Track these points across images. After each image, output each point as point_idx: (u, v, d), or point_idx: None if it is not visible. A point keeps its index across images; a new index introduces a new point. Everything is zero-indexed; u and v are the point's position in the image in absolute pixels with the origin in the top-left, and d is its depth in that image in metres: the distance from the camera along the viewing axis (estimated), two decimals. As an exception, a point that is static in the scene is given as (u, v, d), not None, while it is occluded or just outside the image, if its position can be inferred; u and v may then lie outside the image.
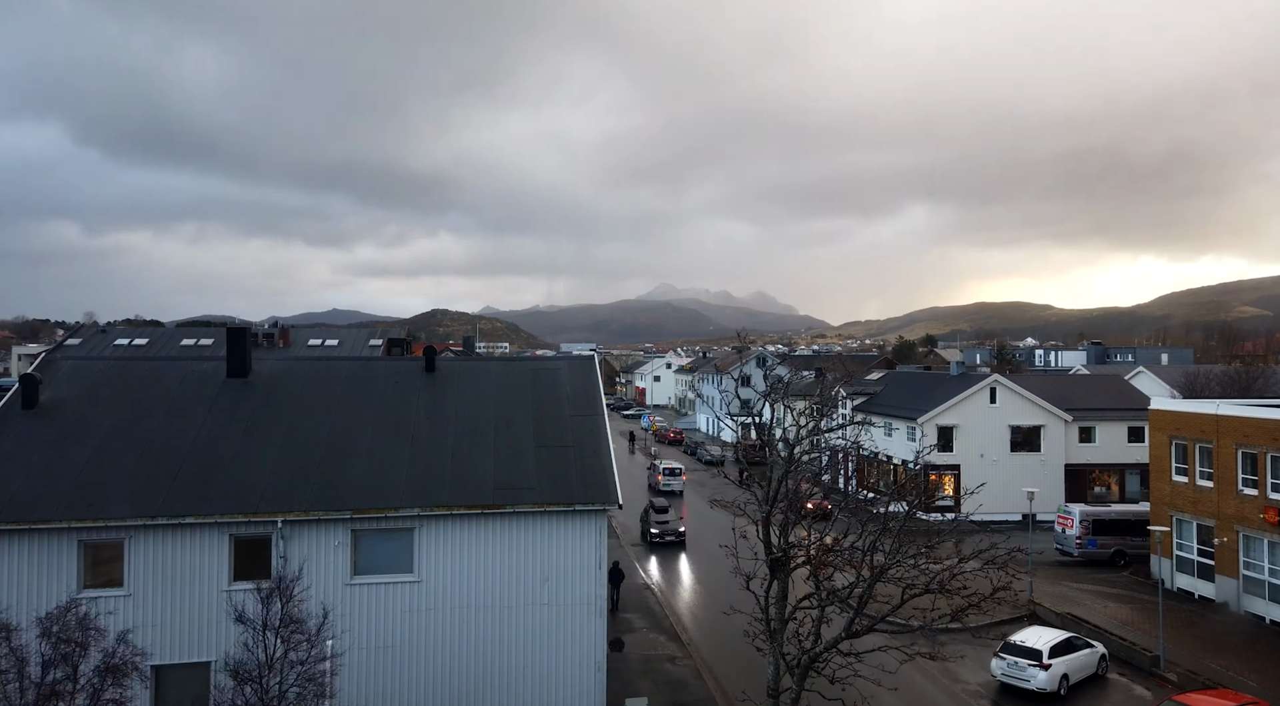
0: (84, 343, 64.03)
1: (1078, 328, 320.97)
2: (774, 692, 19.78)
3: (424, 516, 22.29)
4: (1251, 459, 34.82)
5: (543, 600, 22.80)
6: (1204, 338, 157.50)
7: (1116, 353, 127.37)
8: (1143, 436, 50.79)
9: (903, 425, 57.97)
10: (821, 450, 26.49)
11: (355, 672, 21.48)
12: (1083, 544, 44.02)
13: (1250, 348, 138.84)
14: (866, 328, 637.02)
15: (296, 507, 21.82)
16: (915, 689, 27.69)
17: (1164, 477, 39.84)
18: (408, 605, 22.26)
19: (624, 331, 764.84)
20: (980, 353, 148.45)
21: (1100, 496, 55.10)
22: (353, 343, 74.10)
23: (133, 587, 21.19)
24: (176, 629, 21.23)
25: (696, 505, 58.93)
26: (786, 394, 25.15)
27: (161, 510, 21.28)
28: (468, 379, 28.00)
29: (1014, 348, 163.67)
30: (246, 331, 27.71)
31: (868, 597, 18.68)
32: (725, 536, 22.74)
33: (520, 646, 22.66)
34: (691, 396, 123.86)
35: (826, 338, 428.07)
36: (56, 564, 20.88)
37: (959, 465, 54.41)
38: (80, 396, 25.23)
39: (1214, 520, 36.44)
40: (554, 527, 22.93)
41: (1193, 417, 38.49)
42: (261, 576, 21.10)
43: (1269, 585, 33.97)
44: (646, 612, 35.72)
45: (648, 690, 27.17)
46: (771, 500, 20.92)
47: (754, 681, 26.15)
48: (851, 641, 18.63)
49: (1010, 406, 55.88)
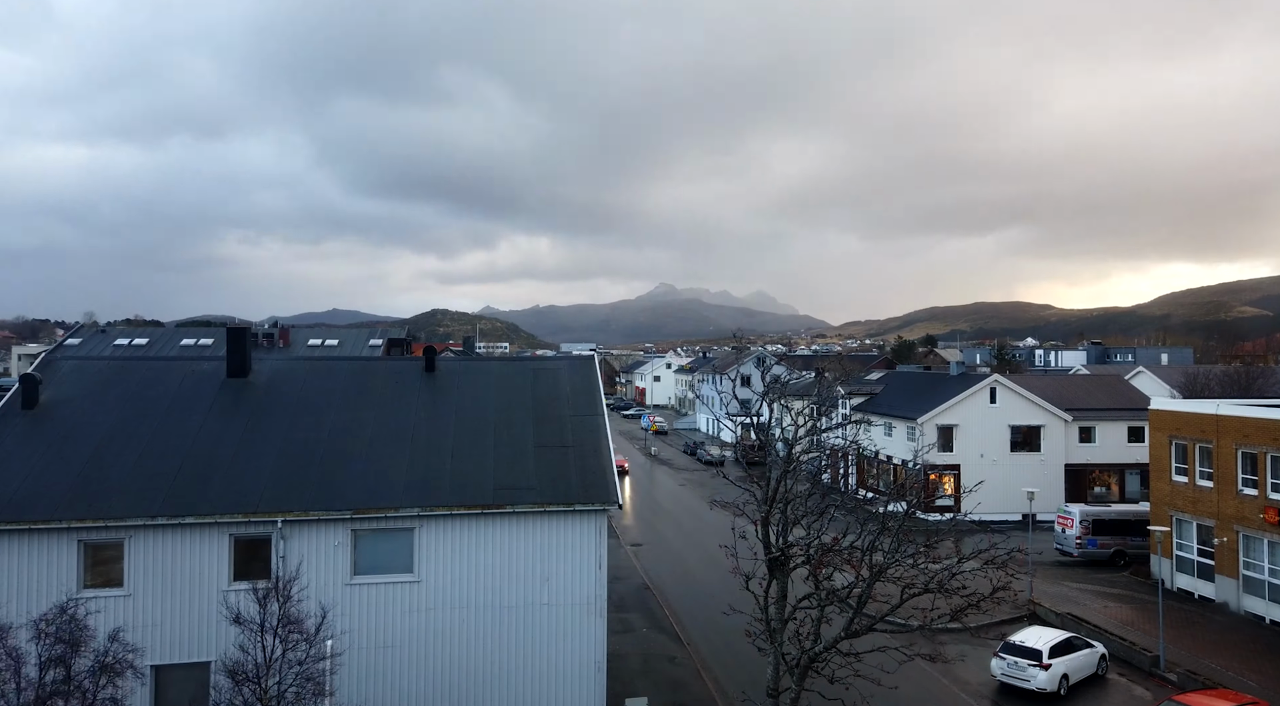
0: (84, 343, 64.06)
1: (1078, 328, 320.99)
2: (774, 692, 19.79)
3: (424, 516, 22.28)
4: (1251, 459, 34.82)
5: (542, 600, 22.80)
6: (1204, 338, 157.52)
7: (1116, 353, 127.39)
8: (1143, 436, 50.80)
9: (902, 425, 57.96)
10: (821, 449, 26.50)
11: (355, 672, 21.48)
12: (1083, 544, 44.01)
13: (1250, 347, 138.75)
14: (866, 328, 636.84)
15: (296, 507, 21.81)
16: (915, 689, 27.68)
17: (1164, 477, 39.84)
18: (408, 605, 22.25)
19: (624, 331, 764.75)
20: (980, 352, 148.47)
21: (1100, 496, 55.11)
22: (353, 343, 74.14)
23: (133, 587, 21.17)
24: (176, 629, 21.22)
25: (695, 506, 58.96)
26: (785, 394, 25.16)
27: (161, 510, 21.28)
28: (468, 379, 27.99)
29: (1014, 347, 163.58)
30: (246, 331, 27.71)
31: (867, 597, 18.68)
32: (724, 537, 22.72)
33: (520, 646, 22.64)
34: (691, 396, 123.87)
35: (826, 338, 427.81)
36: (56, 564, 20.87)
37: (959, 465, 54.40)
38: (80, 396, 25.23)
39: (1214, 520, 36.44)
40: (554, 527, 22.92)
41: (1193, 417, 38.49)
42: (262, 576, 21.12)
43: (1269, 585, 33.97)
44: (646, 612, 35.73)
45: (648, 690, 27.17)
46: (770, 500, 20.92)
47: (754, 681, 26.16)
48: (851, 641, 18.64)
49: (1010, 406, 55.87)
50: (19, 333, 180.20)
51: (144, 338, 68.28)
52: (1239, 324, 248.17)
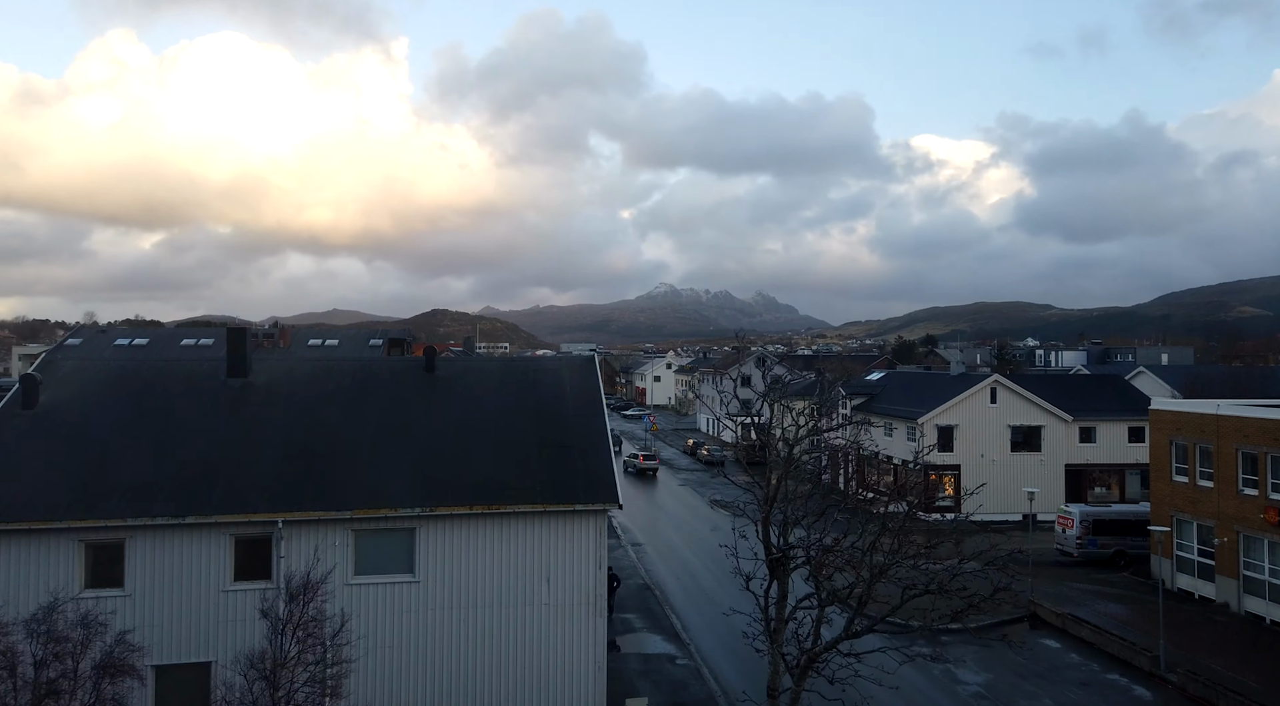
0: (84, 343, 64.15)
1: (1078, 328, 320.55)
2: (774, 692, 19.79)
3: (424, 516, 22.29)
4: (1252, 459, 34.82)
5: (543, 600, 22.81)
6: (1204, 338, 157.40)
7: (1117, 353, 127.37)
8: (1143, 436, 50.75)
9: (903, 425, 57.95)
10: (821, 450, 26.50)
11: (356, 672, 21.42)
12: (1083, 544, 43.99)
13: (1250, 347, 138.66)
14: (867, 328, 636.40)
15: (297, 508, 21.82)
16: (915, 689, 27.69)
17: (1164, 478, 39.83)
18: (408, 605, 22.28)
19: (624, 331, 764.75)
20: (980, 352, 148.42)
21: (1100, 496, 55.09)
22: (353, 343, 74.20)
23: (133, 588, 21.20)
24: (177, 629, 21.24)
25: (695, 505, 58.98)
26: (785, 394, 25.16)
27: (162, 510, 21.29)
28: (468, 379, 28.00)
29: (1014, 348, 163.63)
30: (246, 332, 27.75)
31: (867, 598, 18.68)
32: (725, 537, 22.72)
33: (520, 646, 22.66)
34: (691, 396, 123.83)
35: (826, 338, 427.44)
36: (57, 564, 20.89)
37: (959, 465, 54.40)
38: (80, 397, 25.23)
39: (1214, 520, 36.44)
40: (554, 527, 22.93)
41: (1193, 418, 38.48)
42: (262, 577, 21.16)
43: (1269, 585, 33.96)
44: (646, 612, 35.74)
45: (648, 690, 27.18)
46: (770, 500, 20.92)
47: (754, 681, 26.16)
48: (851, 641, 18.64)
49: (1010, 406, 55.87)
50: (19, 333, 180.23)
51: (144, 338, 68.37)
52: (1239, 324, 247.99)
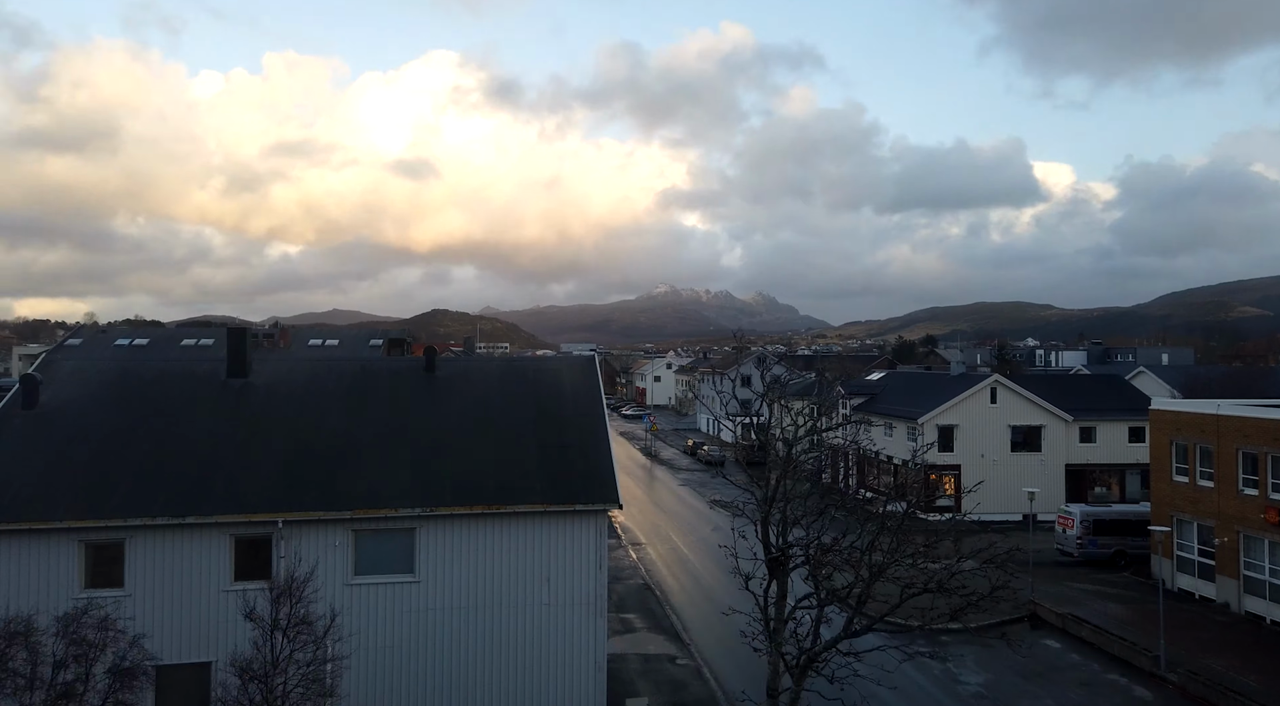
0: (84, 343, 64.17)
1: (1078, 328, 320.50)
2: (773, 692, 19.80)
3: (424, 516, 22.30)
4: (1252, 459, 34.81)
5: (543, 600, 22.81)
6: (1204, 338, 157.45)
7: (1117, 353, 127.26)
8: (1143, 436, 50.73)
9: (903, 425, 57.95)
10: (821, 449, 26.50)
11: (356, 672, 21.48)
12: (1083, 544, 43.98)
13: (1250, 347, 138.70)
14: (867, 328, 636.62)
15: (297, 508, 21.82)
16: (915, 688, 27.69)
17: (1164, 478, 39.83)
18: (408, 605, 22.28)
19: (624, 331, 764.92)
20: (981, 353, 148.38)
21: (1101, 496, 55.06)
22: (353, 343, 74.22)
23: (133, 587, 21.21)
24: (177, 629, 21.24)
25: (695, 505, 58.96)
26: (784, 394, 25.17)
27: (162, 510, 21.30)
28: (468, 379, 28.00)
29: (1015, 348, 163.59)
30: (246, 332, 27.75)
31: (866, 597, 18.69)
32: (724, 536, 22.73)
33: (520, 646, 22.66)
34: (691, 396, 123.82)
35: (827, 338, 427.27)
36: (57, 564, 20.90)
37: (959, 465, 54.39)
38: (80, 397, 25.23)
39: (1214, 520, 36.43)
40: (554, 527, 22.93)
41: (1193, 418, 38.48)
42: (262, 577, 21.14)
43: (1269, 585, 33.96)
44: (646, 612, 35.74)
45: (648, 690, 27.20)
46: (770, 500, 20.93)
47: (754, 681, 26.16)
48: (850, 641, 18.65)
49: (1011, 406, 55.86)
50: (19, 333, 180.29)
51: (144, 338, 68.40)
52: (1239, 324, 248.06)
